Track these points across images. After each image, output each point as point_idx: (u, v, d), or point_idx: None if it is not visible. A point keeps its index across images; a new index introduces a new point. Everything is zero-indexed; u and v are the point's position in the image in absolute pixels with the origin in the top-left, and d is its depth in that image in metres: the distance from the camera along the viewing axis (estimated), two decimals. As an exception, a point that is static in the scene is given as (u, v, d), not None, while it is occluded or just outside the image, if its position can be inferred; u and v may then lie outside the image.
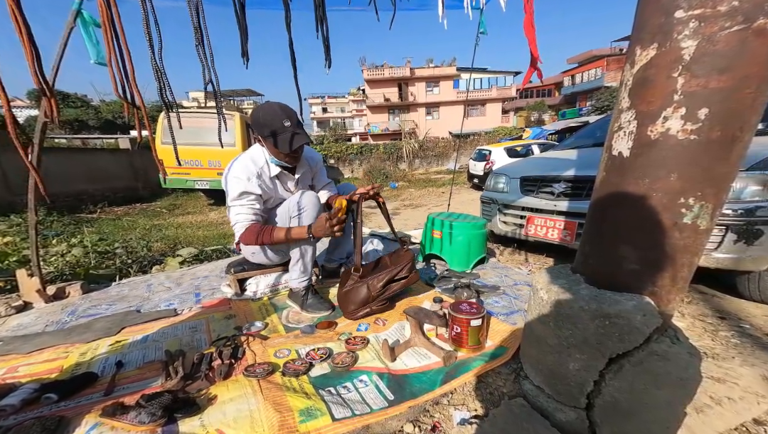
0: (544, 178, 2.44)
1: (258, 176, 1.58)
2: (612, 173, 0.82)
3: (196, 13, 1.08)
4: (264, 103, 1.57)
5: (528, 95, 36.37)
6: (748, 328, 1.51)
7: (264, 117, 1.49)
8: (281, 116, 1.48)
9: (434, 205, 6.60)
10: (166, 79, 1.15)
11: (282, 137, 1.49)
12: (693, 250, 0.75)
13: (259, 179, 1.58)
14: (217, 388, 1.09)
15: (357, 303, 1.54)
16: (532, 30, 2.87)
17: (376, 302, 1.55)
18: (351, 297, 1.55)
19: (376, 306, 1.55)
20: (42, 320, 1.66)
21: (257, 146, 1.64)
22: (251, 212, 1.56)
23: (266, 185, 1.62)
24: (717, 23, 0.64)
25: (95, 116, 22.11)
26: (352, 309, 1.55)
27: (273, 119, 1.48)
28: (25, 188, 1.73)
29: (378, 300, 1.55)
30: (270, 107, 1.52)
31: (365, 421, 0.95)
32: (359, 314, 1.55)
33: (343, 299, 1.58)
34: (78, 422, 0.94)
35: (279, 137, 1.49)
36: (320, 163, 1.91)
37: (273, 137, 1.49)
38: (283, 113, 1.49)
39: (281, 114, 1.49)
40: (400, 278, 1.57)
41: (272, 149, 1.54)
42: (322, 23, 1.40)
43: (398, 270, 1.56)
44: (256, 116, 1.52)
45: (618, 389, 0.79)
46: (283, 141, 1.49)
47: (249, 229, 1.53)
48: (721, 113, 0.67)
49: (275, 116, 1.48)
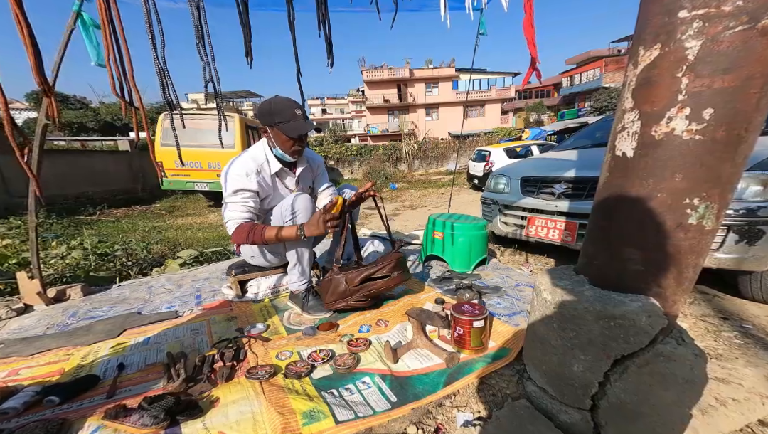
0: (545, 179, 2.43)
1: (257, 172, 1.58)
2: (616, 174, 0.82)
3: (197, 11, 1.08)
4: (273, 96, 1.60)
5: (527, 96, 36.44)
6: (751, 328, 1.51)
7: (275, 106, 1.53)
8: (292, 105, 1.54)
9: (434, 206, 6.60)
10: (169, 79, 1.14)
11: (291, 124, 1.53)
12: (698, 250, 0.75)
13: (258, 176, 1.58)
14: (220, 390, 1.08)
15: (335, 295, 1.57)
16: (532, 30, 2.87)
17: (354, 297, 1.56)
18: (329, 288, 1.58)
19: (353, 301, 1.56)
20: (43, 323, 1.65)
21: (258, 144, 1.65)
22: (244, 210, 1.56)
23: (265, 182, 1.62)
24: (721, 23, 0.64)
25: (94, 118, 22.11)
26: (331, 300, 1.58)
27: (285, 107, 1.53)
28: (24, 190, 1.72)
29: (355, 295, 1.56)
30: (280, 98, 1.57)
31: (368, 423, 0.95)
32: (337, 306, 1.58)
33: (324, 289, 1.60)
34: (80, 425, 0.94)
35: (288, 123, 1.52)
36: (322, 165, 1.91)
37: (283, 123, 1.53)
38: (294, 103, 1.56)
39: (292, 104, 1.55)
40: (378, 277, 1.56)
41: (279, 136, 1.56)
42: (325, 22, 1.40)
43: (377, 269, 1.56)
44: (266, 105, 1.55)
45: (623, 390, 0.78)
46: (293, 127, 1.53)
47: (240, 227, 1.52)
48: (726, 113, 0.66)
49: (286, 105, 1.54)
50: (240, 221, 1.54)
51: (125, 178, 9.60)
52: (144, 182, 9.85)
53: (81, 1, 1.65)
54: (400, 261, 1.61)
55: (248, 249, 1.71)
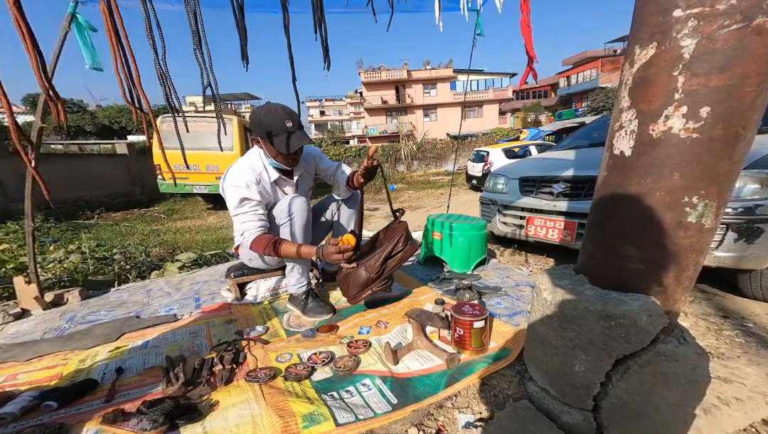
0: (543, 178, 2.44)
1: (257, 182, 1.54)
2: (614, 173, 0.82)
3: (194, 16, 1.08)
4: (264, 104, 1.53)
5: (524, 96, 36.57)
6: (752, 327, 1.50)
7: (265, 117, 1.45)
8: (283, 117, 1.45)
9: (433, 207, 6.60)
10: (171, 83, 1.14)
11: (281, 138, 1.46)
12: (698, 249, 0.75)
13: (258, 186, 1.54)
14: (219, 394, 1.07)
15: (358, 287, 1.54)
16: (529, 30, 2.88)
17: (377, 282, 1.54)
18: (350, 282, 1.55)
19: (377, 286, 1.54)
20: (40, 328, 1.64)
21: (255, 150, 1.61)
22: (256, 218, 1.52)
23: (266, 191, 1.59)
24: (716, 22, 0.64)
25: (92, 122, 22.09)
26: (354, 294, 1.55)
27: (274, 120, 1.45)
28: (21, 194, 1.72)
29: (378, 281, 1.54)
30: (271, 108, 1.48)
31: (369, 426, 0.94)
32: (362, 297, 1.54)
33: (343, 284, 1.58)
34: (79, 430, 0.93)
35: (278, 137, 1.46)
36: (318, 153, 1.85)
37: (272, 137, 1.46)
38: (285, 114, 1.46)
39: (283, 115, 1.45)
40: (396, 253, 1.55)
41: (271, 149, 1.51)
42: (321, 26, 1.40)
43: (392, 245, 1.54)
44: (257, 116, 1.48)
45: (625, 390, 0.78)
46: (281, 142, 1.46)
47: (258, 239, 1.48)
48: (723, 111, 0.67)
49: (276, 117, 1.45)
50: (256, 232, 1.50)
51: (123, 181, 9.58)
52: (142, 185, 9.83)
53: (76, 3, 1.65)
54: (408, 232, 1.61)
55: (246, 252, 1.70)
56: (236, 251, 1.78)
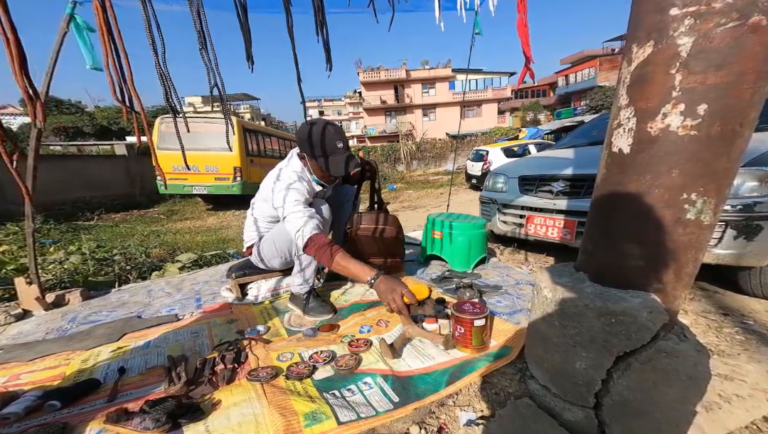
0: (543, 177, 2.44)
1: (308, 192, 1.56)
2: (613, 170, 0.83)
3: (198, 16, 1.08)
4: (313, 122, 1.50)
5: (523, 96, 36.57)
6: (752, 324, 1.51)
7: (316, 137, 1.45)
8: (335, 138, 1.46)
9: (433, 206, 6.61)
10: (172, 84, 1.14)
11: (335, 159, 1.47)
12: (697, 245, 0.75)
13: (310, 196, 1.56)
14: (221, 393, 1.08)
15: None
16: (526, 30, 2.88)
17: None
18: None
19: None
20: (42, 328, 1.64)
21: (298, 164, 1.60)
22: (314, 217, 1.46)
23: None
24: (712, 20, 0.65)
25: (90, 123, 22.07)
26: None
27: (328, 140, 1.45)
28: (21, 196, 1.72)
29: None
30: (320, 127, 1.46)
31: (371, 424, 0.94)
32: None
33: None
34: (82, 429, 0.93)
35: (332, 157, 1.47)
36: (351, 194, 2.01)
37: (325, 157, 1.47)
38: (337, 135, 1.47)
39: (335, 135, 1.46)
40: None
41: (317, 168, 1.54)
42: (323, 27, 1.40)
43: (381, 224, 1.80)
44: (307, 134, 1.47)
45: (627, 387, 0.78)
46: (338, 164, 1.47)
47: (317, 238, 1.40)
48: (720, 108, 0.67)
49: (330, 137, 1.45)
50: (316, 231, 1.42)
51: (123, 182, 9.58)
52: (142, 186, 9.83)
53: (74, 5, 1.65)
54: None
55: (266, 249, 1.70)
56: (248, 251, 1.79)
